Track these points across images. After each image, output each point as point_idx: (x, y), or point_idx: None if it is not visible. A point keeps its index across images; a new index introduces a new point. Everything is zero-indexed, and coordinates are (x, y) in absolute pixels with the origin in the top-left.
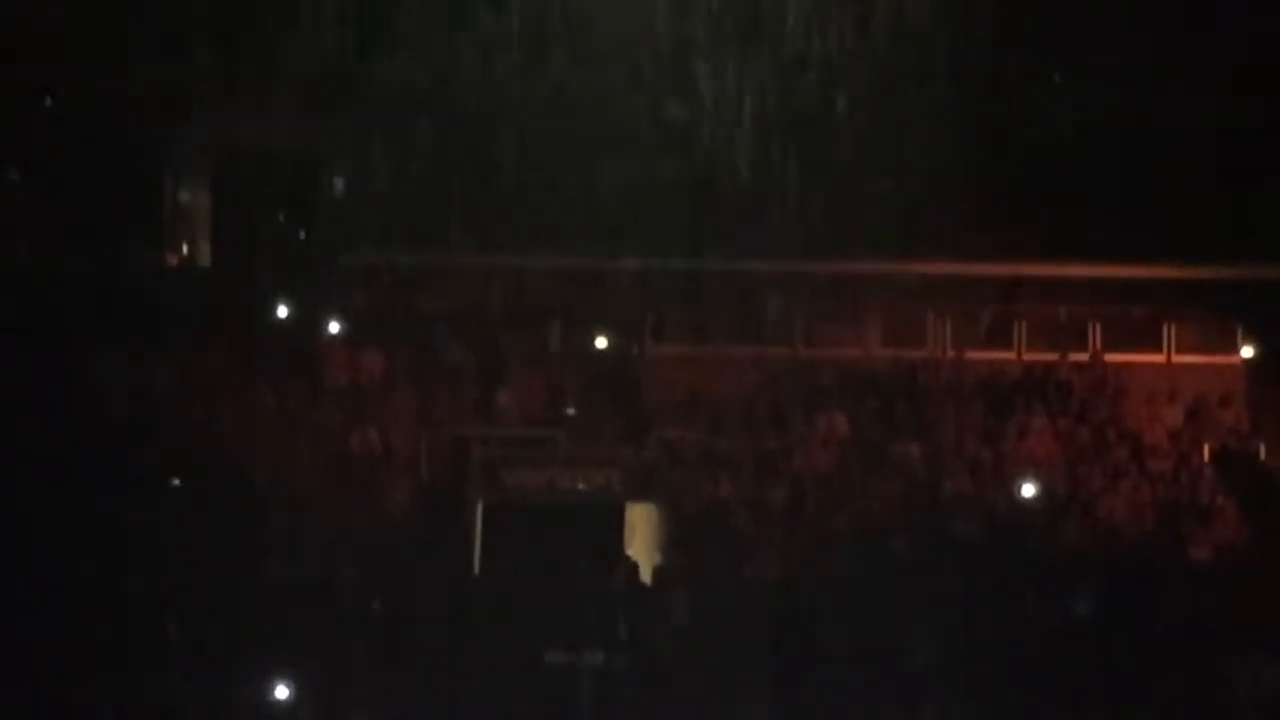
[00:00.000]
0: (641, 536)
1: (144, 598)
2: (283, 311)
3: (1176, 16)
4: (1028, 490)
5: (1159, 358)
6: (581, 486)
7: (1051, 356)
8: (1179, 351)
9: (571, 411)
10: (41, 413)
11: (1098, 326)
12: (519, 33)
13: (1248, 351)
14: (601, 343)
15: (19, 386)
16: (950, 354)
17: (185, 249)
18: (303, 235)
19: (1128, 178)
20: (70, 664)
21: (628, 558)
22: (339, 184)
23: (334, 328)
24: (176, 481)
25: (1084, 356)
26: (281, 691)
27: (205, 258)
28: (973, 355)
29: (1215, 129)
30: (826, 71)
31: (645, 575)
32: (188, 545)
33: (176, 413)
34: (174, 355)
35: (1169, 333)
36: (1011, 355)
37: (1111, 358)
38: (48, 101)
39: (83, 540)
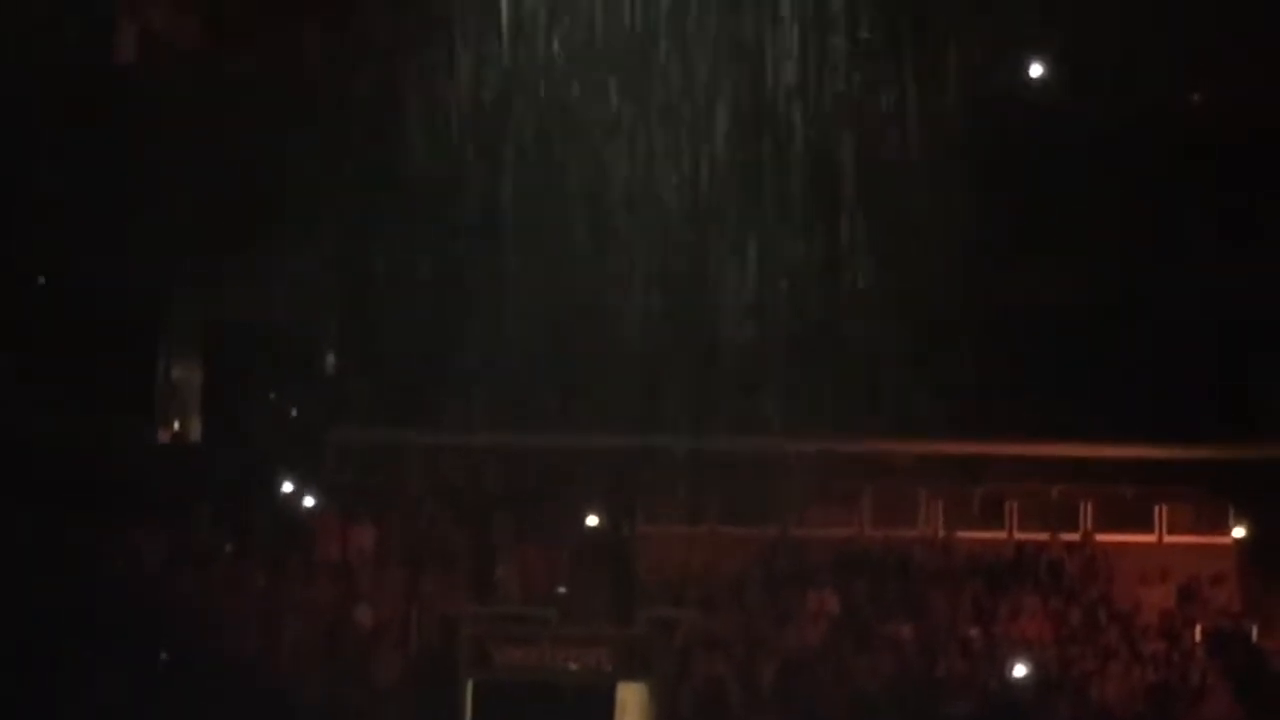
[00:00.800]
0: (633, 716)
1: None
2: (274, 487)
3: (1168, 195)
4: (1020, 671)
5: (1150, 538)
6: (572, 666)
7: (1043, 536)
8: (1170, 531)
9: (563, 590)
10: (32, 586)
11: (1089, 506)
12: (506, 213)
13: (1239, 531)
14: (593, 521)
15: (10, 559)
16: (942, 533)
17: (177, 424)
18: (294, 412)
19: (1119, 358)
20: None
21: None
22: (330, 361)
23: (325, 504)
24: (165, 656)
25: (1075, 536)
26: None
27: (197, 433)
28: (964, 535)
29: (1208, 310)
30: (818, 252)
31: None
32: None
33: (167, 587)
34: (165, 530)
35: (1160, 513)
36: (1003, 535)
37: (1103, 537)
38: (41, 279)
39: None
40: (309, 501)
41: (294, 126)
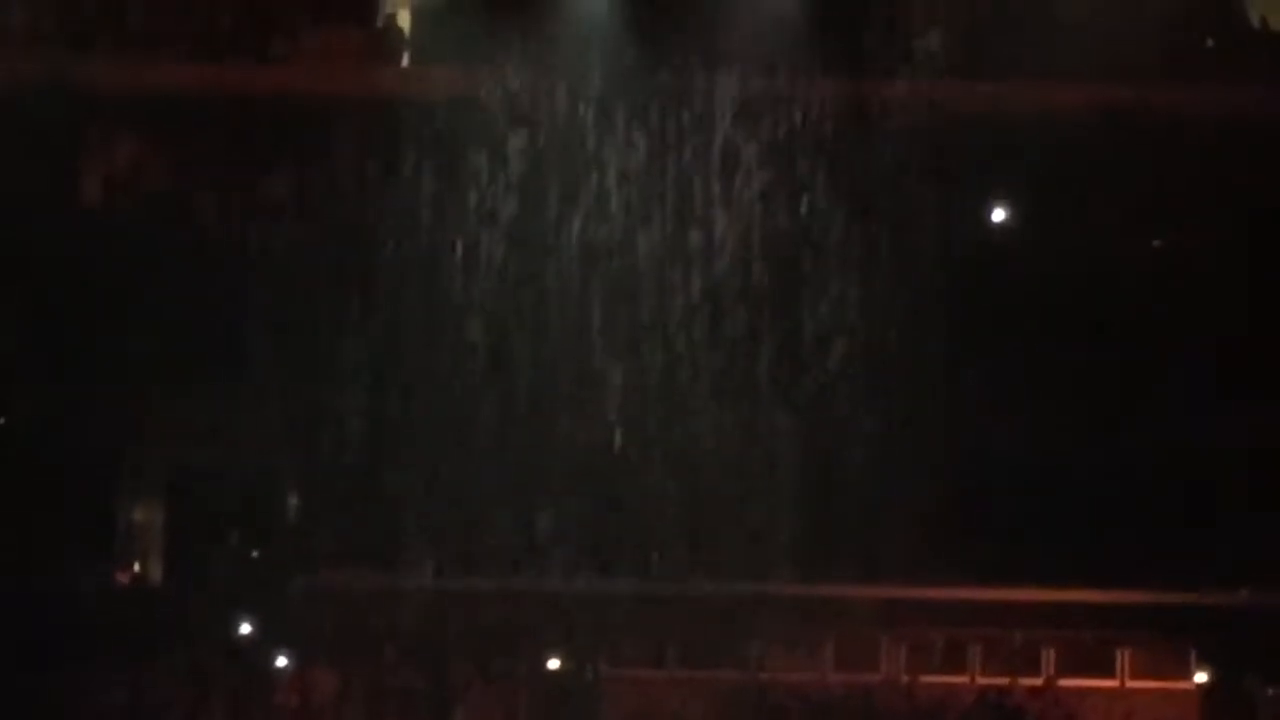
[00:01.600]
0: None
1: None
2: (235, 632)
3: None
4: None
5: (1113, 683)
6: None
7: (1006, 681)
8: (1133, 676)
9: None
10: None
11: (1051, 651)
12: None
13: (1201, 677)
14: (555, 664)
15: None
16: (905, 678)
17: (137, 567)
18: (255, 555)
19: (1082, 503)
20: None
21: None
22: (293, 504)
23: (286, 649)
24: None
25: (1038, 681)
26: None
27: (157, 576)
28: (927, 679)
29: (1172, 456)
30: (780, 391)
31: None
32: None
33: None
34: (124, 675)
35: (1123, 657)
36: (966, 679)
37: (1066, 682)
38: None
39: None
40: (269, 646)
41: (259, 270)
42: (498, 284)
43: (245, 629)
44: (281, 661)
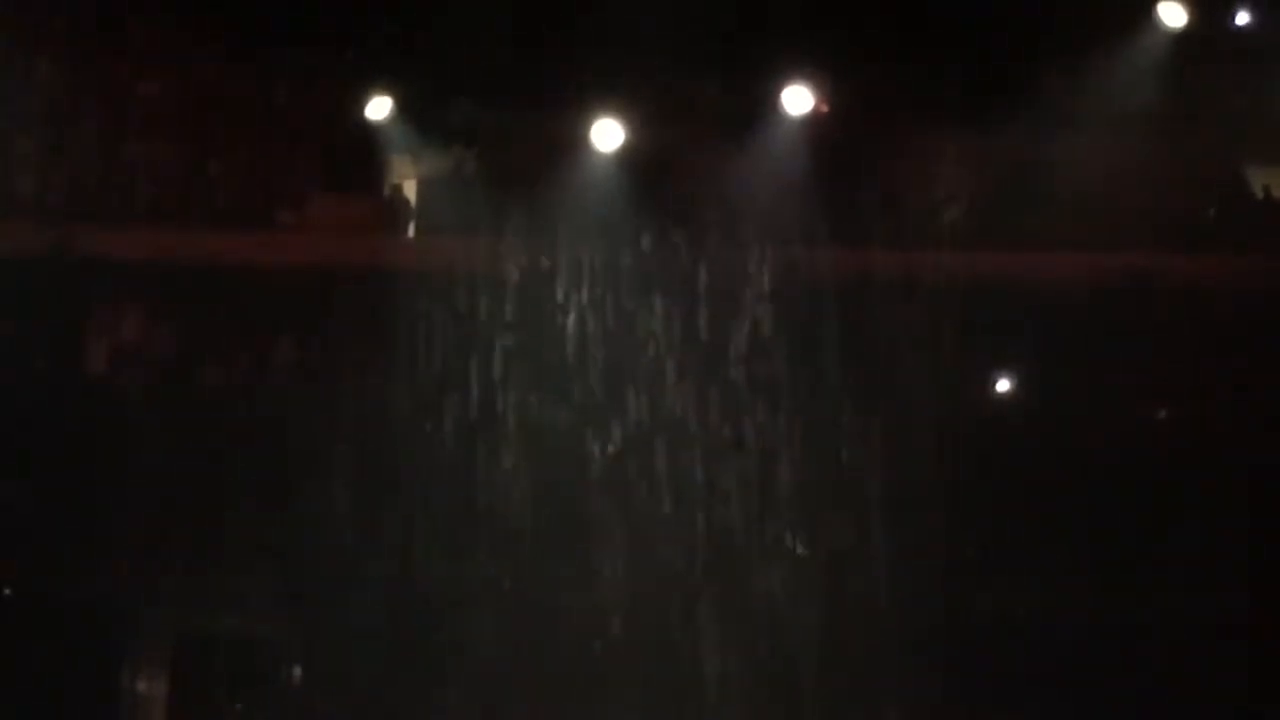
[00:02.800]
0: None
1: None
2: None
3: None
4: None
5: None
6: None
7: None
8: None
9: None
10: None
11: None
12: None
13: None
14: None
15: None
16: None
17: None
18: None
19: (1089, 674)
20: None
21: None
22: (296, 672)
23: None
24: None
25: None
26: None
27: None
28: None
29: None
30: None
31: None
32: None
33: None
34: None
35: None
36: None
37: None
38: (5, 591)
39: None
40: None
41: (266, 438)
42: (502, 453)
43: None
44: None
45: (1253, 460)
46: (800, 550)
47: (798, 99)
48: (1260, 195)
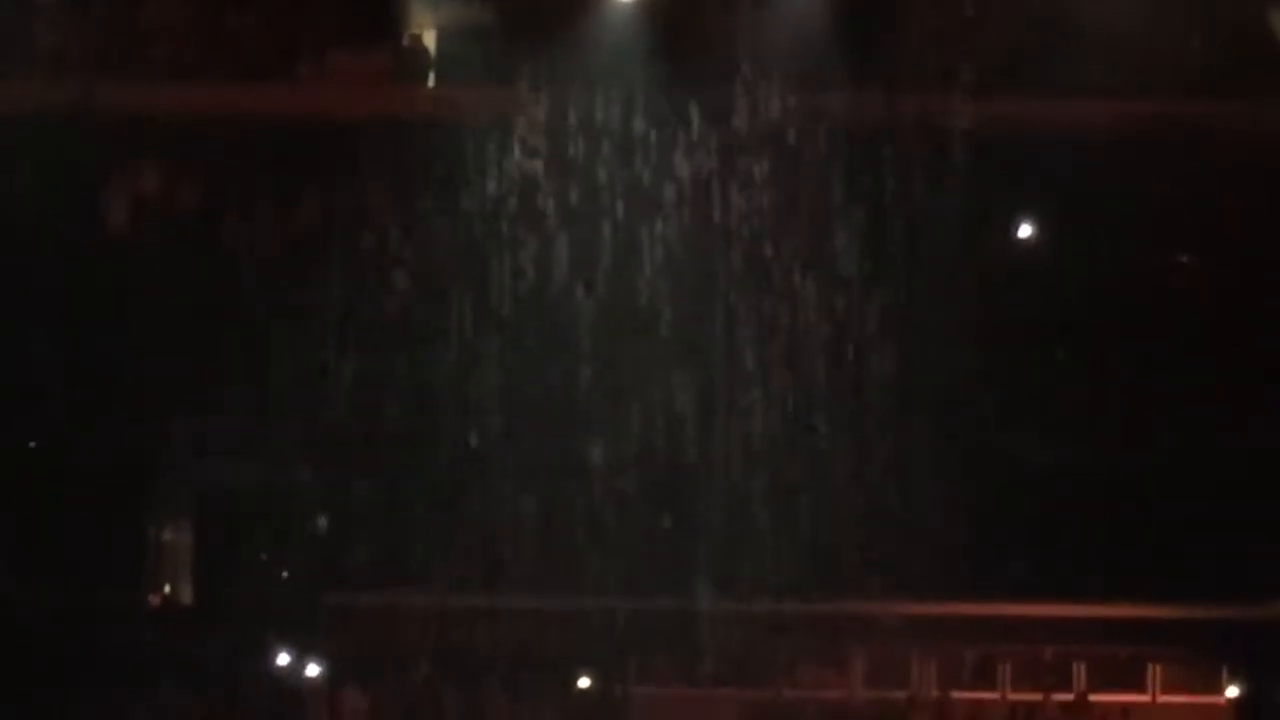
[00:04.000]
0: None
1: None
2: (266, 651)
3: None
4: None
5: (1144, 698)
6: None
7: (1036, 697)
8: (1164, 691)
9: None
10: None
11: (1082, 666)
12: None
13: (1233, 692)
14: (584, 683)
15: None
16: (934, 694)
17: (167, 588)
18: (285, 574)
19: (1110, 517)
20: None
21: None
22: (322, 523)
23: (317, 669)
24: None
25: (1069, 696)
26: None
27: (187, 597)
28: (957, 695)
29: (1203, 471)
30: (806, 405)
31: None
32: None
33: None
34: (154, 696)
35: (1154, 673)
36: (997, 695)
37: (1096, 697)
38: (30, 444)
39: None
40: (300, 666)
41: (289, 291)
42: (524, 303)
43: (275, 649)
44: (312, 681)
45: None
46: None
47: None
48: None
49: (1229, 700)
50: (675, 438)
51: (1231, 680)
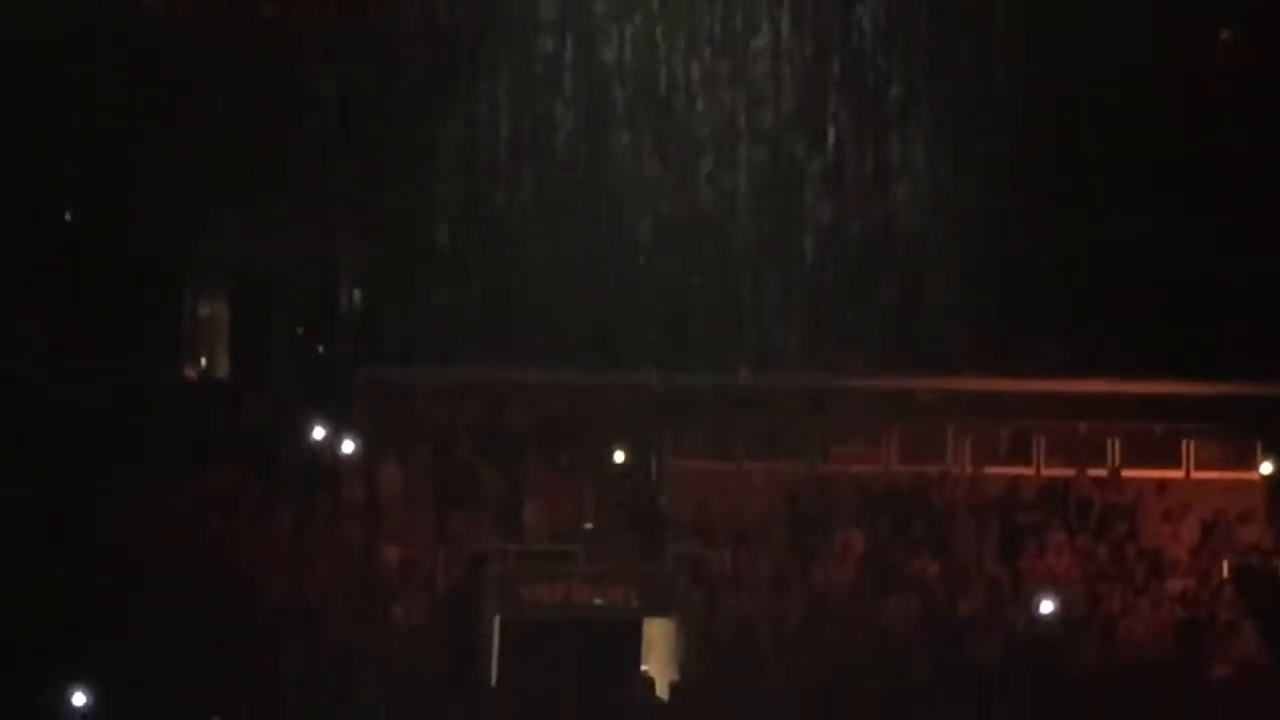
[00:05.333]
0: (658, 652)
1: (160, 710)
2: (301, 426)
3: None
4: (1046, 608)
5: (1178, 474)
6: (599, 602)
7: (1070, 472)
8: (1198, 467)
9: (589, 526)
10: (56, 528)
11: (1117, 442)
12: (538, 149)
13: (1267, 468)
14: (620, 457)
15: (35, 502)
16: (969, 470)
17: (204, 363)
18: (321, 350)
19: (1146, 295)
20: None
21: (644, 673)
22: (357, 298)
23: (352, 443)
24: None
25: (1103, 472)
26: None
27: (224, 372)
28: (991, 471)
29: (1238, 248)
30: (848, 184)
31: (662, 691)
32: (203, 659)
33: (193, 528)
34: (191, 470)
35: (1188, 449)
36: (1030, 471)
37: (1130, 473)
38: (67, 216)
39: (95, 656)
40: (336, 440)
41: (324, 68)
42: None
43: (311, 423)
44: (348, 455)
45: None
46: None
47: None
48: None
49: (1263, 475)
50: (714, 211)
51: (1266, 456)
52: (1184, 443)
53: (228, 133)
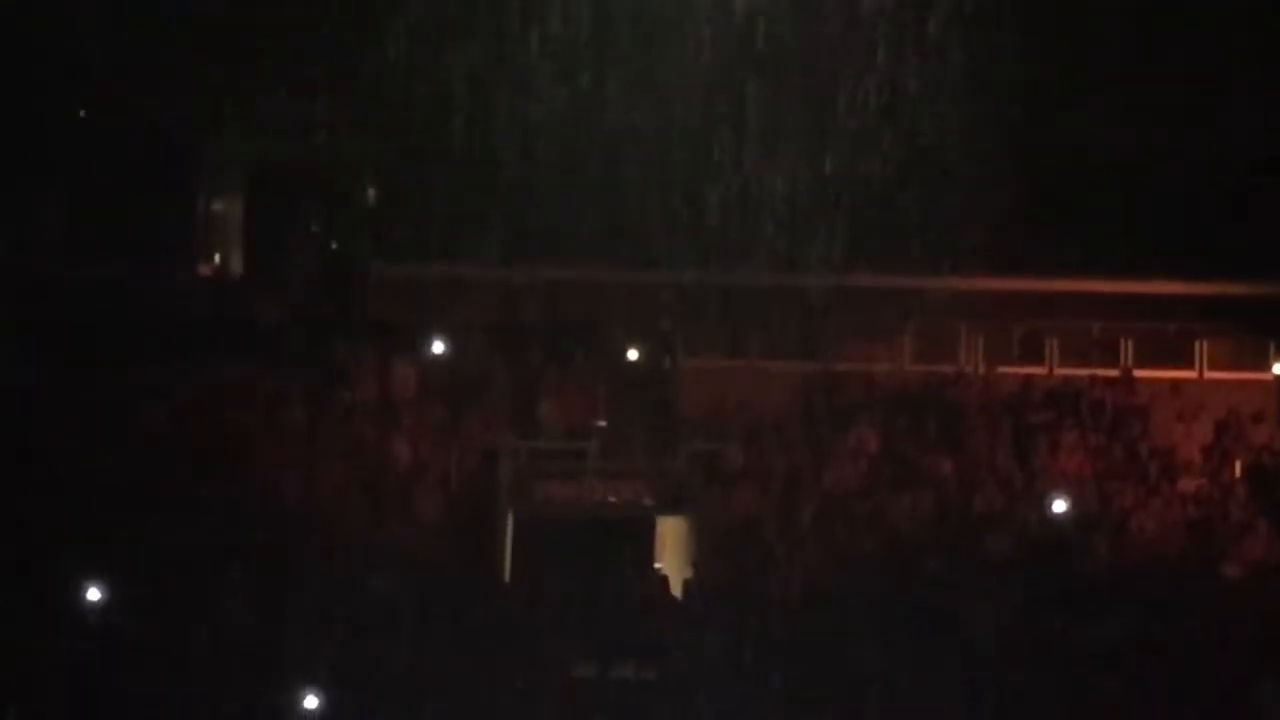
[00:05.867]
0: (672, 549)
1: (175, 610)
2: (315, 322)
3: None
4: (1059, 507)
5: (1191, 374)
6: (612, 499)
7: (1083, 372)
8: (1211, 368)
9: (603, 424)
10: (71, 424)
11: (1129, 342)
12: (553, 43)
13: (1279, 368)
14: (633, 355)
15: (50, 397)
16: (982, 369)
17: (217, 259)
18: (335, 246)
19: (1161, 194)
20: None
21: (657, 571)
22: (371, 194)
23: (366, 339)
24: None
25: (1115, 372)
26: (311, 701)
27: (238, 268)
28: (1004, 370)
29: (1252, 147)
30: (861, 86)
31: (675, 588)
32: (218, 556)
33: (207, 423)
34: (205, 366)
35: (1201, 349)
36: (1043, 370)
37: (1143, 373)
38: (81, 113)
39: (111, 553)
40: (350, 337)
41: None
42: None
43: (325, 319)
44: (361, 351)
45: None
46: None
47: None
48: None
49: (1276, 376)
50: (728, 109)
51: (1278, 356)
52: (1197, 343)
53: (241, 28)
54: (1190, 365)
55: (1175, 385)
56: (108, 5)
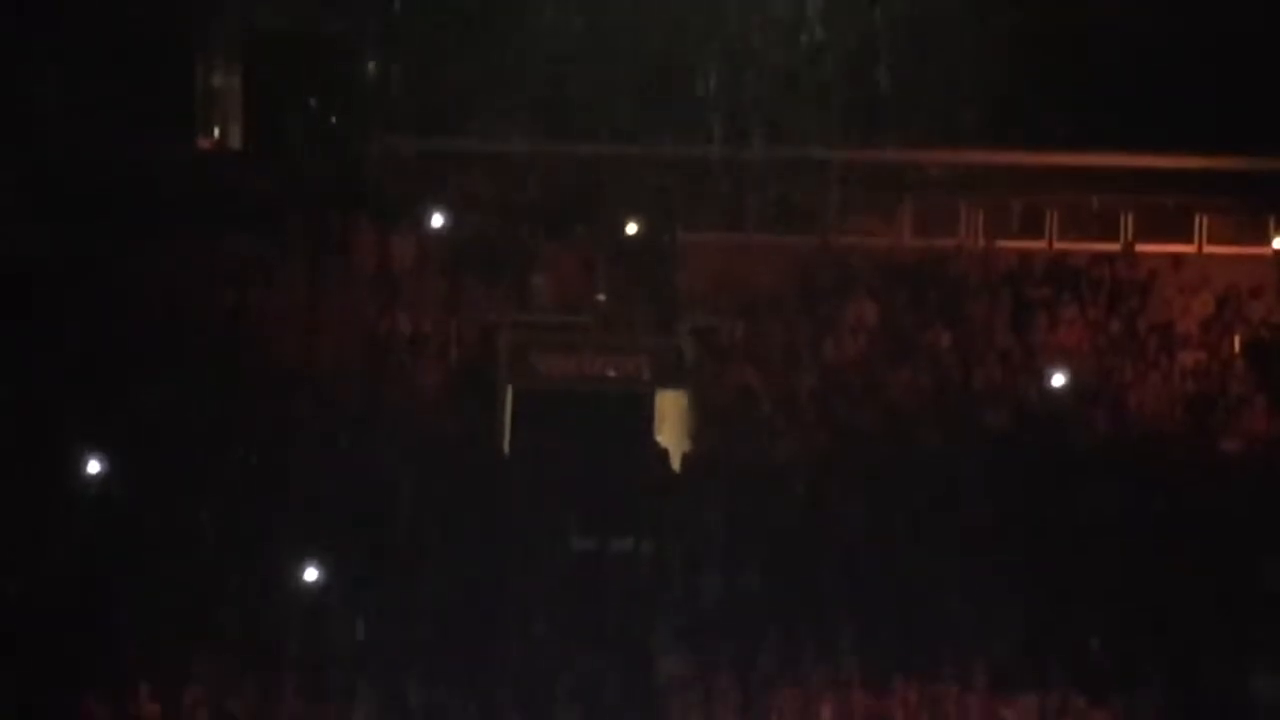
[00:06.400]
0: (670, 424)
1: (173, 477)
2: (314, 196)
3: None
4: (1057, 381)
5: (1190, 248)
6: (611, 373)
7: (1083, 246)
8: (1210, 242)
9: (601, 298)
10: (72, 298)
11: (1129, 216)
12: None
13: (1279, 243)
14: (632, 229)
15: (50, 272)
16: (981, 243)
17: (216, 133)
18: (334, 119)
19: (1161, 67)
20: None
21: (657, 444)
22: (371, 68)
23: (365, 213)
24: None
25: (1115, 246)
26: (310, 573)
27: (237, 141)
28: (1004, 244)
29: (1252, 19)
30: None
31: (674, 462)
32: (219, 426)
33: (208, 297)
34: (206, 239)
35: (1200, 223)
36: (1043, 244)
37: (1143, 248)
38: None
39: (111, 423)
40: (349, 210)
41: None
42: None
43: (324, 193)
44: (360, 224)
45: None
46: None
47: None
48: None
49: (1275, 250)
50: None
51: (1278, 231)
52: (1196, 217)
53: None
54: (1190, 239)
55: (1176, 259)
56: None
